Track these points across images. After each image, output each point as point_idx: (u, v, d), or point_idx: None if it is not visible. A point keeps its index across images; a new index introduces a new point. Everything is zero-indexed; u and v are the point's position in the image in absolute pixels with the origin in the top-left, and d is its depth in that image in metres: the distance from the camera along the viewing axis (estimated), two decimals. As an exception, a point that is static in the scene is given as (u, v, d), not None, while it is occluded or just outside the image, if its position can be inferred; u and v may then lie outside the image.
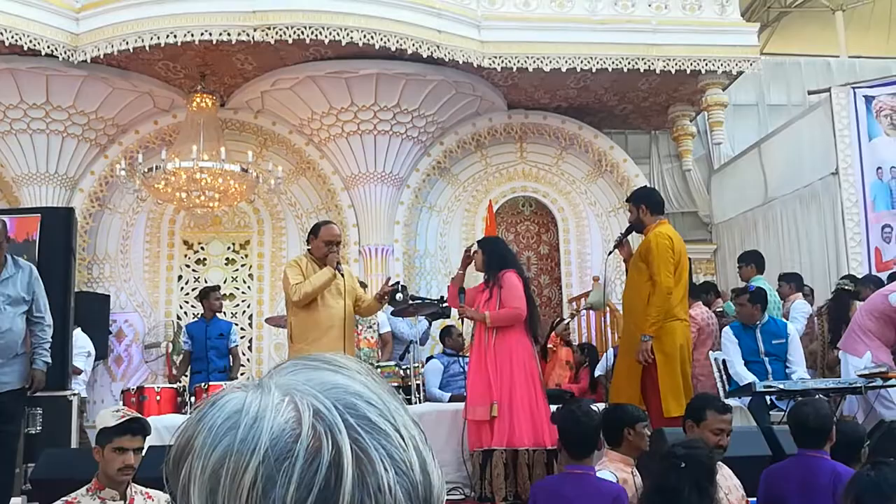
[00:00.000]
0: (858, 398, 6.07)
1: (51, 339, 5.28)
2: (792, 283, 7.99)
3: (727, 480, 3.57)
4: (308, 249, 5.64)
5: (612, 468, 3.71)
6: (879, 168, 8.60)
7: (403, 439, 0.60)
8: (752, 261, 7.84)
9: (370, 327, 7.91)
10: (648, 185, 7.02)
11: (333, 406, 0.59)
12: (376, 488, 0.57)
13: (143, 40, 8.33)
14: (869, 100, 8.67)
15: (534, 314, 5.81)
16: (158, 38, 8.30)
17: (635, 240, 5.93)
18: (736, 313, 6.72)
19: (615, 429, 3.85)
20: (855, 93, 8.74)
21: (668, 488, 2.72)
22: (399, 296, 5.95)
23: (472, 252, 5.79)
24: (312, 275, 5.36)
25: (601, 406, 4.79)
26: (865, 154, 8.62)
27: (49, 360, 5.24)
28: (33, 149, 9.36)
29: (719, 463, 3.65)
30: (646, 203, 5.65)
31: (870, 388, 5.81)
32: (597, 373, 7.84)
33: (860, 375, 5.92)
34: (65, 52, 8.54)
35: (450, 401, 6.90)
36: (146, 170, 8.74)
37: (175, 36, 8.27)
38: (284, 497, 0.56)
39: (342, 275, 5.38)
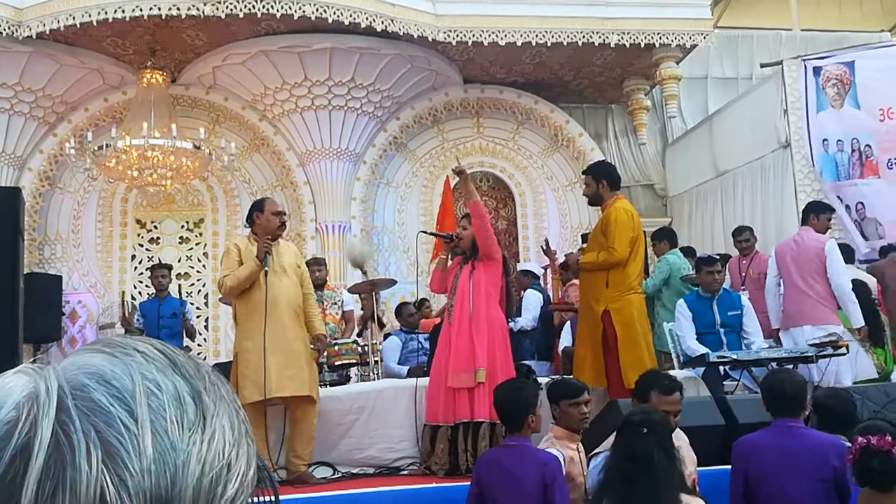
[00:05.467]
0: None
1: None
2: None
3: (680, 452, 3.58)
4: (252, 230, 5.42)
5: (559, 445, 3.76)
6: (825, 140, 8.70)
7: (137, 422, 0.51)
8: (665, 237, 8.06)
9: (335, 303, 7.86)
10: (605, 160, 7.03)
11: (60, 387, 0.51)
12: (74, 481, 0.48)
13: (90, 15, 8.14)
14: (818, 71, 8.75)
15: (510, 299, 5.82)
16: (106, 13, 8.12)
17: (592, 216, 5.94)
18: (701, 283, 6.58)
19: (551, 403, 3.94)
20: (806, 65, 8.82)
21: (639, 455, 2.77)
22: None
23: (457, 234, 5.71)
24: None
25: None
26: (813, 127, 8.70)
27: None
28: (-22, 127, 9.14)
29: (678, 431, 3.68)
30: (606, 179, 5.72)
31: (821, 356, 5.90)
32: (561, 345, 7.84)
33: (812, 345, 6.01)
34: (9, 28, 8.32)
35: (408, 373, 6.86)
36: (96, 148, 8.58)
37: (123, 11, 8.10)
38: None
39: (266, 270, 5.11)
